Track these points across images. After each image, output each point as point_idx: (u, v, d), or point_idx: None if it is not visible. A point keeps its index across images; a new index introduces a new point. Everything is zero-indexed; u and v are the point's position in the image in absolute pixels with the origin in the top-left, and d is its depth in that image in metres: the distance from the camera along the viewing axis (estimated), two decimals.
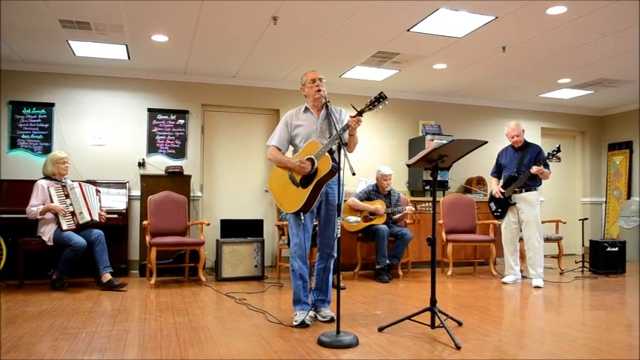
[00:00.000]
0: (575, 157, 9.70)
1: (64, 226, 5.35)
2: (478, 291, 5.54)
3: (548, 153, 5.74)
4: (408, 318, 3.74)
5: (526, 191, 5.84)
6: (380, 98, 3.61)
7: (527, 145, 5.97)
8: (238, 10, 4.88)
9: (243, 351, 3.18)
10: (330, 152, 3.72)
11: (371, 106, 3.65)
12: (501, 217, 6.10)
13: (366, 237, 6.42)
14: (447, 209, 6.92)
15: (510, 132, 5.97)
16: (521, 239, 6.09)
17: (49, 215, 5.39)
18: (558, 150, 5.74)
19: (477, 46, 5.85)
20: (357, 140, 3.88)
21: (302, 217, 3.83)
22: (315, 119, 3.96)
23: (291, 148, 4.10)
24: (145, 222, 5.95)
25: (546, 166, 5.76)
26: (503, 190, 5.97)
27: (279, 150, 3.99)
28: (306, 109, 4.01)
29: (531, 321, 4.21)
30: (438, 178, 3.97)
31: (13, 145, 6.54)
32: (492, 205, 6.17)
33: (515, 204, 5.93)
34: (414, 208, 6.39)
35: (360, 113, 3.67)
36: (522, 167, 5.82)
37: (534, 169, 5.64)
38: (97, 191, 5.86)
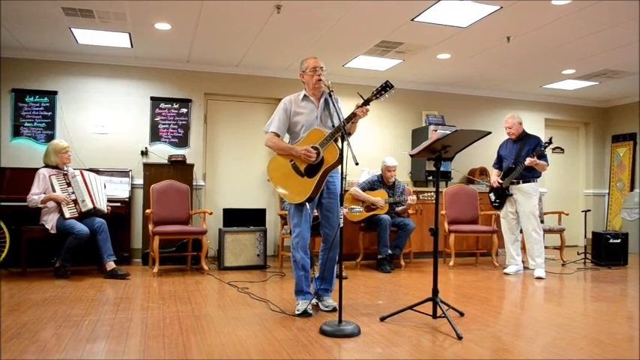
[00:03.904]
0: (578, 148, 9.68)
1: (67, 215, 5.36)
2: (480, 281, 5.55)
3: (540, 145, 5.76)
4: (410, 308, 3.74)
5: (524, 182, 5.85)
6: (386, 87, 3.59)
7: (526, 136, 5.98)
8: None
9: (245, 339, 3.19)
10: (335, 141, 3.70)
11: (377, 95, 3.63)
12: (500, 207, 6.13)
13: (369, 227, 6.42)
14: (450, 200, 6.92)
15: (503, 124, 6.06)
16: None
17: (51, 204, 5.40)
18: (550, 142, 5.80)
19: (481, 36, 5.81)
20: (356, 129, 3.86)
21: (308, 207, 3.81)
22: (314, 108, 3.92)
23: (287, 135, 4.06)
24: (147, 210, 5.97)
25: (541, 157, 5.75)
26: (501, 181, 5.99)
27: (278, 137, 3.94)
28: (305, 96, 3.95)
29: (533, 312, 4.22)
30: (441, 169, 3.96)
31: (16, 133, 6.54)
32: (492, 195, 6.19)
33: (512, 195, 5.94)
34: (415, 198, 6.39)
35: (367, 102, 3.65)
36: (520, 158, 5.84)
37: (527, 161, 5.67)
38: (104, 185, 5.87)
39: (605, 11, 4.98)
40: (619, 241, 6.81)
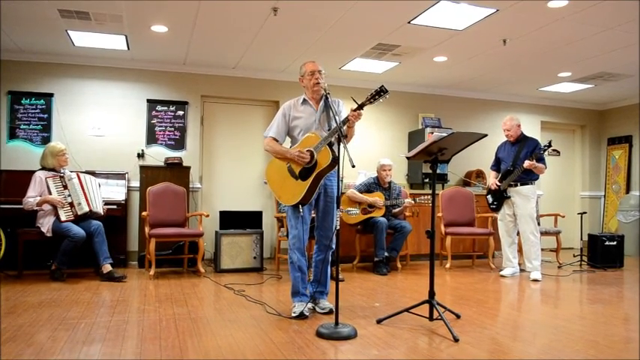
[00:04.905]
0: (574, 151, 9.71)
1: (63, 217, 5.34)
2: (476, 284, 5.55)
3: (539, 148, 5.78)
4: (407, 310, 3.75)
5: (522, 185, 5.87)
6: (381, 92, 3.59)
7: (525, 138, 6.00)
8: (238, 1, 4.85)
9: (241, 342, 3.19)
10: (330, 145, 3.72)
11: (372, 100, 3.63)
12: (497, 209, 6.15)
13: (365, 229, 6.42)
14: (446, 202, 6.93)
15: (502, 126, 6.08)
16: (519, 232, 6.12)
17: (47, 207, 5.38)
18: (549, 145, 5.82)
19: (477, 38, 5.83)
20: (354, 132, 3.87)
21: (301, 210, 3.83)
22: (313, 111, 3.94)
23: (288, 139, 4.08)
24: (144, 213, 5.95)
25: (540, 160, 5.77)
26: (499, 183, 6.00)
27: (277, 141, 3.97)
28: (305, 100, 3.98)
29: (529, 314, 4.23)
30: (438, 171, 3.96)
31: (12, 135, 6.52)
32: (489, 197, 6.21)
33: (510, 197, 5.96)
34: (412, 201, 6.40)
35: (360, 107, 3.65)
36: (518, 161, 5.86)
37: (526, 164, 5.69)
38: (99, 185, 5.87)
39: (602, 14, 5.00)
40: (615, 243, 6.83)
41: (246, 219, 6.56)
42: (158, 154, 6.98)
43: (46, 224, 5.39)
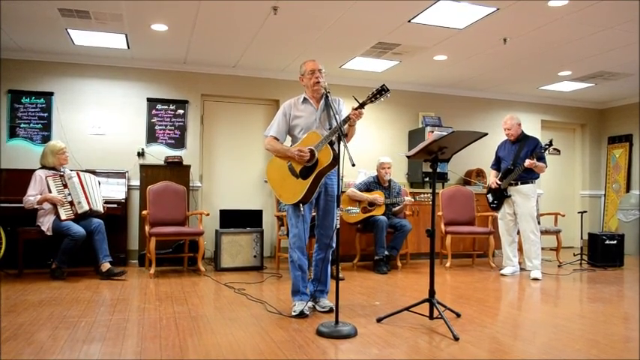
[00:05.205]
0: (574, 150, 9.70)
1: (63, 216, 5.34)
2: (476, 283, 5.56)
3: (539, 147, 5.79)
4: (407, 309, 3.75)
5: (522, 184, 5.87)
6: (382, 91, 3.59)
7: (525, 137, 6.00)
8: (239, 0, 4.85)
9: (241, 341, 3.19)
10: (330, 143, 3.72)
11: (373, 99, 3.63)
12: (497, 208, 6.15)
13: (365, 228, 6.43)
14: (446, 201, 6.93)
15: (502, 125, 6.08)
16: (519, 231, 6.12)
17: (47, 205, 5.38)
18: (550, 144, 5.82)
19: (477, 37, 5.83)
20: (355, 131, 3.87)
21: (302, 209, 3.83)
22: (314, 110, 3.94)
23: (288, 138, 4.09)
24: (144, 212, 5.95)
25: (541, 159, 5.77)
26: (499, 182, 6.00)
27: (277, 140, 3.98)
28: (305, 99, 3.99)
29: (529, 313, 4.23)
30: (438, 170, 3.96)
31: (12, 134, 6.52)
32: (489, 196, 6.21)
33: (510, 196, 5.96)
34: (412, 199, 6.40)
35: (361, 106, 3.65)
36: (518, 160, 5.85)
37: (527, 163, 5.69)
38: (99, 183, 5.87)
39: (602, 13, 5.00)
40: (615, 242, 6.83)
41: (246, 218, 6.56)
42: (158, 153, 6.98)
43: (46, 223, 5.39)
